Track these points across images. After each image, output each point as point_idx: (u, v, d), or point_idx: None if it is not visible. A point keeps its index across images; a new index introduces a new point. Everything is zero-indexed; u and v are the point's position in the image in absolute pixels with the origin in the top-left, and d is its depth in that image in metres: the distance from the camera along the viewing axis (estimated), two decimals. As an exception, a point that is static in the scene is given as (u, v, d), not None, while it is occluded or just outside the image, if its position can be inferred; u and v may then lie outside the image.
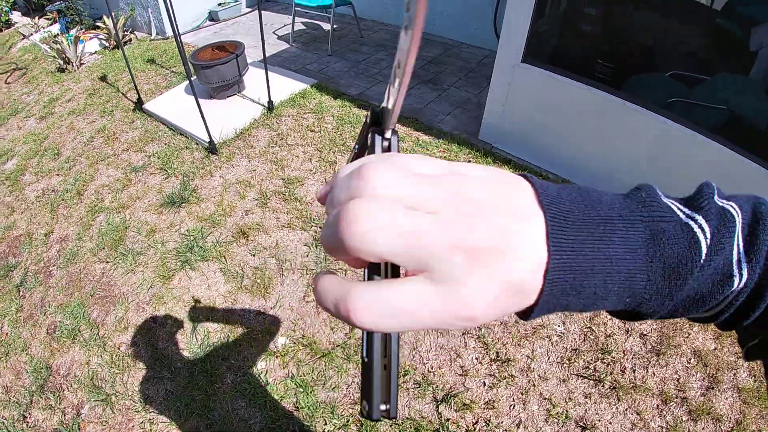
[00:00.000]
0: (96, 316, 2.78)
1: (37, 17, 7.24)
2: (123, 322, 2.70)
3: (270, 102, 4.07)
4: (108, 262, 3.05)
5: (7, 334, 2.82)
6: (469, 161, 3.35)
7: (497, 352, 2.36)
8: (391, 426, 2.12)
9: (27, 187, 3.86)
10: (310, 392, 2.28)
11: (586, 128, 3.03)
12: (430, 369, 2.30)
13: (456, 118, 4.00)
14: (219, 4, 6.49)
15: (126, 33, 6.19)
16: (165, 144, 3.96)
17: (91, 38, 6.16)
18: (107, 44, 6.03)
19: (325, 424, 2.17)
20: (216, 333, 2.57)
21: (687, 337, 2.35)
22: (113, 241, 3.16)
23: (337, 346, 2.45)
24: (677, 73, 2.77)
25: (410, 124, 3.88)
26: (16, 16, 8.28)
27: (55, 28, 6.71)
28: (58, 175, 3.90)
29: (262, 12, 3.72)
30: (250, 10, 6.77)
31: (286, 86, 4.40)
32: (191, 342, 2.55)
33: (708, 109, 2.65)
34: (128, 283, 2.89)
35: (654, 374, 2.22)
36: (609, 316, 2.36)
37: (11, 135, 4.63)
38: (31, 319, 2.85)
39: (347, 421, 2.17)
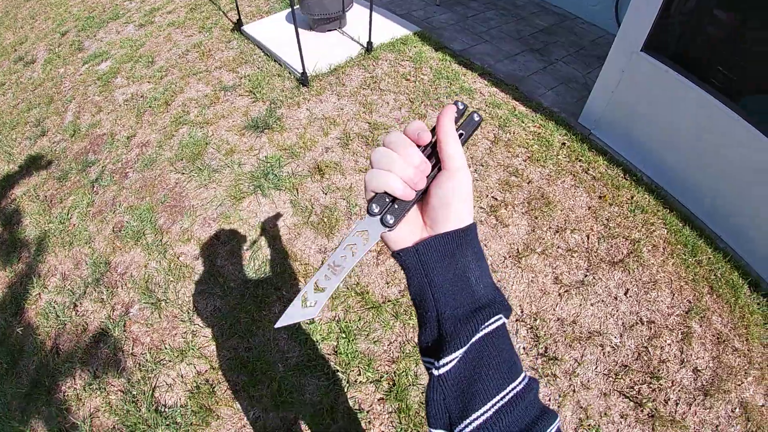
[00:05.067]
0: (162, 222, 2.74)
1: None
2: (187, 234, 2.65)
3: (369, 43, 3.87)
4: (183, 173, 3.00)
5: (74, 225, 2.84)
6: (563, 144, 3.08)
7: (546, 347, 2.14)
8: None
9: (117, 89, 3.89)
10: (352, 340, 2.14)
11: (693, 135, 2.66)
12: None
13: (558, 94, 3.66)
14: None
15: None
16: (258, 68, 3.86)
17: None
18: (216, -36, 6.00)
19: (359, 374, 2.03)
20: (274, 262, 2.47)
21: (739, 385, 2.04)
22: (192, 154, 3.11)
23: (389, 301, 2.29)
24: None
25: (509, 91, 3.58)
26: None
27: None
28: (149, 82, 3.89)
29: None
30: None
31: (387, 29, 4.19)
32: (248, 265, 2.46)
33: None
34: (199, 197, 2.84)
35: (696, 413, 1.96)
36: (667, 341, 2.18)
37: (109, 38, 4.69)
38: (100, 215, 2.86)
39: (381, 377, 2.02)
